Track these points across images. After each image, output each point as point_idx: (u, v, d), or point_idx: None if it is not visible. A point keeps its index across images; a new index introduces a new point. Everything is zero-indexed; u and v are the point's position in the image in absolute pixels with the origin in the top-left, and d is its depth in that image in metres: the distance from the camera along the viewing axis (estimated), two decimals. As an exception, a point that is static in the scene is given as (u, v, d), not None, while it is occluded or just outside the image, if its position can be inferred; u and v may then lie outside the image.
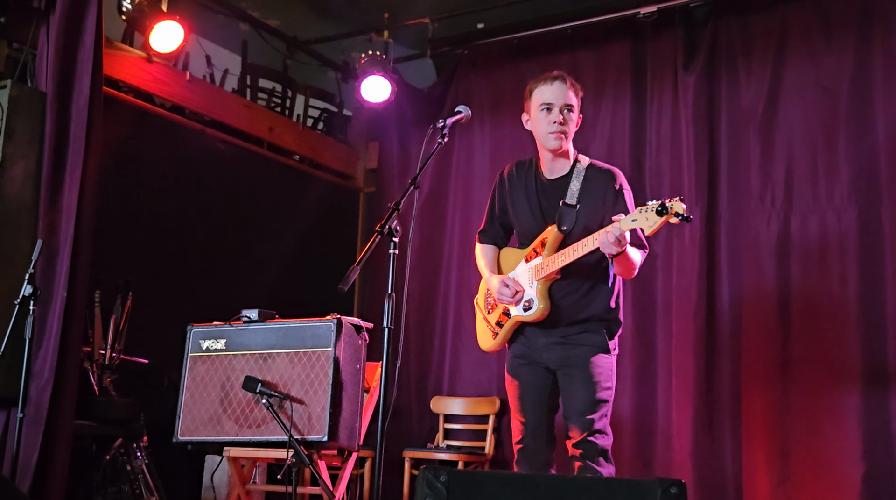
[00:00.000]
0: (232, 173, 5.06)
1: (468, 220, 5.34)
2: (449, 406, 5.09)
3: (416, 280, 5.38)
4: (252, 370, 3.52)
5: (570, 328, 3.01)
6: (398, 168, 5.64)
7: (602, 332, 3.04)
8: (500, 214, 3.22)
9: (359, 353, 3.53)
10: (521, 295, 3.03)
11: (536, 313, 2.99)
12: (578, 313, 3.01)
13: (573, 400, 2.98)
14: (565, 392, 3.03)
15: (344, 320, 3.48)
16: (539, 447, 3.03)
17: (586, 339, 3.01)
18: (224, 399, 3.55)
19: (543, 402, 3.05)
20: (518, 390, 3.08)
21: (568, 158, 3.08)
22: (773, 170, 4.43)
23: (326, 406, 3.35)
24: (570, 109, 3.04)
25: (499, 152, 5.31)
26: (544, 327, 3.04)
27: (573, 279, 3.01)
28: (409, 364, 5.32)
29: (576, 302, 3.01)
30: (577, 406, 2.97)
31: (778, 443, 4.17)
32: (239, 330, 3.61)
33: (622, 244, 2.73)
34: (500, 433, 4.93)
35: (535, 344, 3.06)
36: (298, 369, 3.47)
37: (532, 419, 3.04)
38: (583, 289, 3.02)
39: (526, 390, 3.06)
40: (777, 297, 4.31)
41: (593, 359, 2.99)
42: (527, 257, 3.08)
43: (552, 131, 3.02)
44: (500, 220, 3.22)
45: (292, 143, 5.54)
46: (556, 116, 3.01)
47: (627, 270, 2.97)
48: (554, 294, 3.01)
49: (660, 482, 1.88)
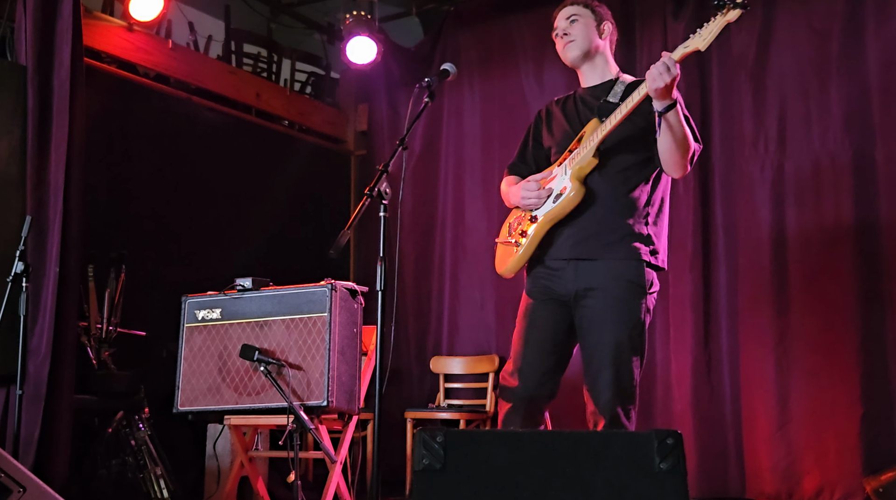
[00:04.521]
0: (220, 141, 5.04)
1: (461, 180, 5.35)
2: (448, 366, 5.12)
3: (410, 242, 5.39)
4: (248, 339, 3.52)
5: (598, 239, 2.75)
6: (388, 130, 5.62)
7: (637, 258, 2.74)
8: (533, 145, 3.07)
9: (355, 317, 3.53)
10: (550, 190, 2.81)
11: (569, 197, 2.73)
12: (610, 216, 2.75)
13: (592, 362, 2.73)
14: (584, 341, 2.77)
15: (338, 284, 3.47)
16: (533, 398, 2.79)
17: (615, 267, 2.73)
18: (222, 368, 3.55)
19: (551, 348, 2.81)
20: (524, 322, 2.86)
21: (610, 72, 2.95)
22: (765, 115, 4.40)
23: (325, 371, 3.35)
24: (573, 20, 2.92)
25: (489, 110, 5.28)
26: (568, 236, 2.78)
27: (613, 173, 2.76)
28: (407, 326, 5.34)
29: (612, 204, 2.75)
30: (596, 375, 2.72)
31: (776, 388, 4.19)
32: (234, 299, 3.61)
33: (672, 72, 2.47)
34: (500, 391, 4.99)
35: (555, 267, 2.82)
36: (295, 335, 3.47)
37: (529, 367, 2.79)
38: (622, 188, 2.77)
39: (532, 329, 2.83)
40: (772, 243, 4.31)
41: (621, 293, 2.73)
42: (559, 162, 2.87)
43: (559, 48, 2.95)
44: (534, 153, 3.06)
45: (280, 108, 5.51)
46: (559, 33, 2.95)
47: (677, 144, 2.63)
48: (588, 188, 2.75)
49: (656, 434, 1.88)
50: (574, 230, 2.78)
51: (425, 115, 2.81)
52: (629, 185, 2.79)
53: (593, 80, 2.96)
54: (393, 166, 2.65)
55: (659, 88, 2.51)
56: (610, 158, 2.77)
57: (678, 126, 2.63)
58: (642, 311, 2.77)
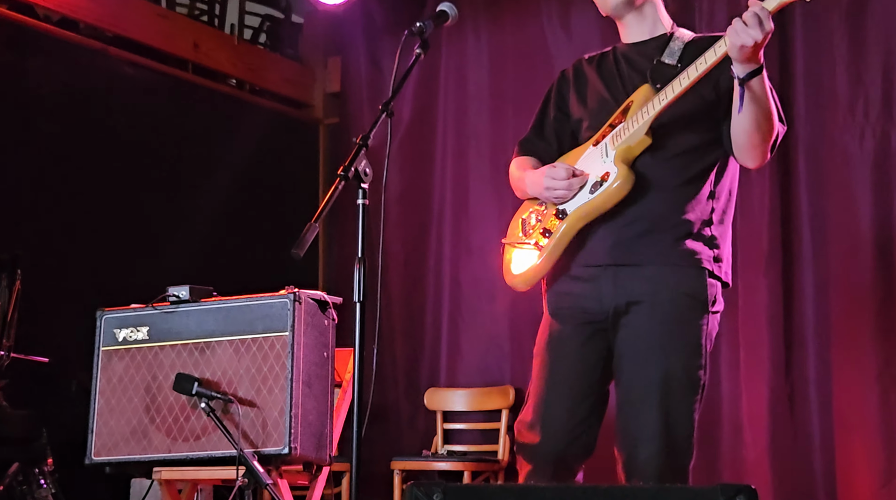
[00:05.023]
0: (146, 106, 5.04)
1: (464, 156, 5.37)
2: (449, 401, 5.15)
3: (398, 239, 5.44)
4: (185, 366, 3.53)
5: (646, 240, 2.76)
6: (368, 91, 5.63)
7: (696, 265, 2.76)
8: (555, 115, 3.08)
9: (325, 336, 3.56)
10: (585, 178, 2.79)
11: (614, 187, 2.72)
12: (665, 212, 2.75)
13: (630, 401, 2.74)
14: (621, 374, 2.77)
15: (303, 294, 3.49)
16: (561, 457, 2.81)
17: (668, 276, 2.74)
18: (150, 405, 3.57)
19: (584, 391, 2.83)
20: (546, 354, 2.87)
21: (663, 25, 2.94)
22: (865, 69, 4.39)
23: (286, 408, 3.37)
24: None
25: (501, 65, 5.28)
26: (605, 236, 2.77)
27: (669, 157, 2.77)
28: (394, 349, 5.39)
29: (666, 194, 2.76)
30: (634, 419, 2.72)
31: (881, 430, 4.19)
32: (165, 314, 3.63)
33: (764, 27, 2.45)
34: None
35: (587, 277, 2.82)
36: (246, 361, 3.48)
37: (554, 417, 2.81)
38: (680, 175, 2.78)
39: (557, 365, 2.84)
40: (874, 238, 4.30)
41: (675, 309, 2.74)
42: (595, 141, 2.86)
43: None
44: (556, 126, 3.07)
45: (226, 62, 5.53)
46: None
47: (758, 123, 2.63)
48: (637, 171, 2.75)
49: (722, 490, 1.88)
50: (613, 228, 2.79)
51: (417, 71, 2.80)
52: (689, 172, 2.80)
53: (640, 34, 2.95)
54: (374, 139, 2.65)
55: (746, 47, 2.48)
56: (666, 138, 2.78)
57: (764, 100, 2.62)
58: (702, 334, 2.77)
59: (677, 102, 2.69)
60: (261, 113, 5.65)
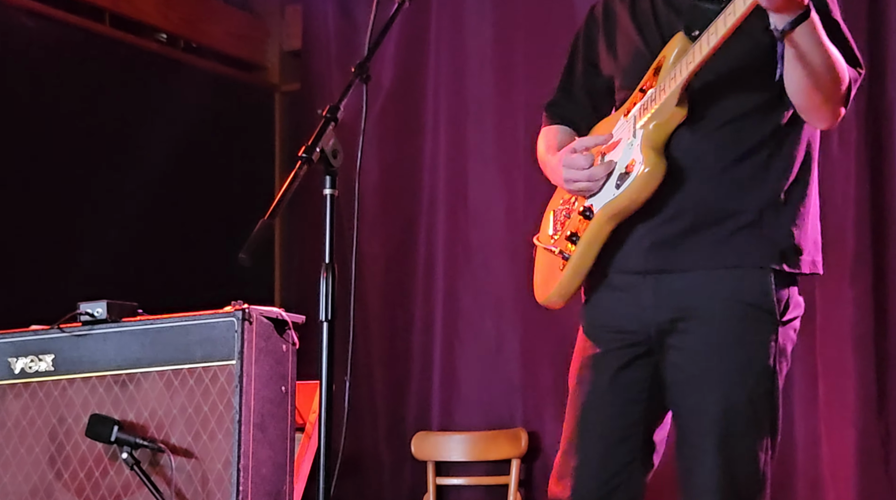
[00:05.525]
0: (50, 69, 5.02)
1: (460, 134, 5.35)
2: (443, 448, 5.11)
3: (377, 239, 5.44)
4: (101, 405, 3.54)
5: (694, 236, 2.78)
6: (337, 49, 5.64)
7: (758, 265, 2.78)
8: (584, 69, 3.11)
9: (283, 366, 3.55)
10: (611, 164, 2.82)
11: (640, 181, 2.74)
12: (717, 198, 2.77)
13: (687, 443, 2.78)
14: (675, 407, 2.83)
15: (255, 311, 3.48)
16: None
17: (722, 281, 2.76)
18: (56, 456, 3.56)
19: (625, 430, 2.87)
20: (579, 385, 2.92)
21: None
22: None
23: (232, 459, 3.35)
24: None
25: (507, 15, 5.27)
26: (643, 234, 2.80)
27: (716, 126, 2.79)
28: (373, 381, 5.37)
29: (716, 176, 2.78)
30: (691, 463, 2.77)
31: None
32: (76, 337, 3.63)
33: None
34: (530, 489, 4.97)
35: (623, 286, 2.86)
36: (181, 397, 3.49)
37: (588, 464, 2.87)
38: (733, 149, 2.78)
39: (591, 399, 2.89)
40: None
41: (733, 324, 2.77)
42: (626, 110, 2.89)
43: None
44: (586, 82, 3.12)
45: (153, 12, 5.52)
46: None
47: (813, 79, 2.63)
48: (674, 156, 2.76)
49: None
50: (651, 225, 2.81)
51: (401, 23, 2.83)
52: (743, 144, 2.80)
53: None
54: (346, 111, 2.64)
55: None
56: (709, 104, 2.78)
57: (815, 52, 2.60)
58: (771, 353, 2.77)
59: (721, 51, 2.67)
60: (199, 77, 5.63)
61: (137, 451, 3.39)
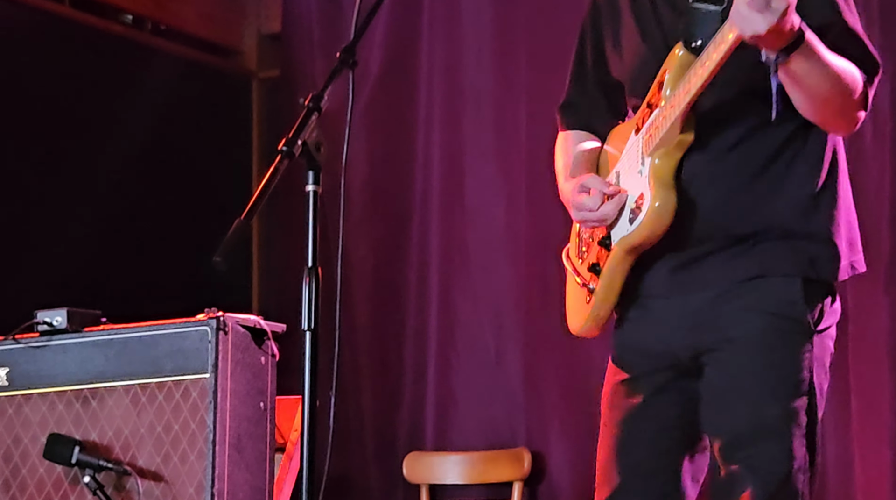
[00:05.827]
0: (5, 54, 5.02)
1: (457, 124, 5.38)
2: (438, 470, 5.14)
3: (365, 242, 5.47)
4: (61, 423, 3.59)
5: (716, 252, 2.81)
6: (320, 32, 5.70)
7: (785, 272, 2.79)
8: (595, 61, 3.11)
9: (261, 380, 3.60)
10: (622, 197, 2.85)
11: (650, 218, 2.78)
12: (739, 217, 2.80)
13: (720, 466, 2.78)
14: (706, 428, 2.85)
15: (230, 319, 3.54)
16: None
17: (750, 295, 2.78)
18: (11, 480, 3.62)
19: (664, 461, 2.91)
20: (611, 413, 2.97)
21: None
22: None
23: (205, 482, 3.41)
24: None
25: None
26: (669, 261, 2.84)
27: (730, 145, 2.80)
28: (360, 396, 5.40)
29: (735, 196, 2.80)
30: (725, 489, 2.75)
31: None
32: (33, 349, 3.68)
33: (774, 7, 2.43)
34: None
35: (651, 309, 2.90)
36: (150, 415, 3.54)
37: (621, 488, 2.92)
38: (754, 157, 2.81)
39: (627, 429, 2.94)
40: None
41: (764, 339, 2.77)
42: (637, 125, 2.91)
43: None
44: (597, 77, 3.12)
45: (120, -8, 5.59)
46: None
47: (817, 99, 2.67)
48: (688, 180, 2.79)
49: None
50: (674, 249, 2.84)
51: (390, 4, 2.91)
52: (760, 157, 2.82)
53: None
54: (331, 101, 2.63)
55: (758, 36, 2.47)
56: (717, 124, 2.79)
57: (816, 73, 2.60)
58: (804, 366, 2.76)
59: (723, 70, 2.65)
60: (169, 62, 5.67)
61: (101, 474, 3.44)
